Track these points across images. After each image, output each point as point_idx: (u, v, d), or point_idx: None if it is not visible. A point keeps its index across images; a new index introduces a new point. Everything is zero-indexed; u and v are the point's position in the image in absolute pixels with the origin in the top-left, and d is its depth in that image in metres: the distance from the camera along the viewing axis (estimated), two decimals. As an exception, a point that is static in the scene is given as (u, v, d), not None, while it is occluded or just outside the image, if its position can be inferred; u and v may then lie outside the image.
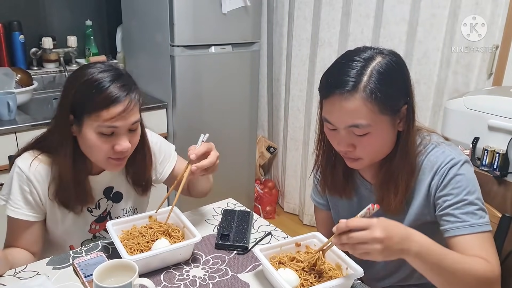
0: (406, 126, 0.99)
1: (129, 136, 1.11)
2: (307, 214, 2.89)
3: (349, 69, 0.94)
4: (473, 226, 0.96)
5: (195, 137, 1.17)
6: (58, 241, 1.22)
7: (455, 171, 0.99)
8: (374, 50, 0.97)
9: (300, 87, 2.76)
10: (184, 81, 2.23)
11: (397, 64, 0.97)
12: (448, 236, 0.98)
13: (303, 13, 2.60)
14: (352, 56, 0.97)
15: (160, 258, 1.06)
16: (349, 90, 0.92)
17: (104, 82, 1.05)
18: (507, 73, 1.95)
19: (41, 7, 2.39)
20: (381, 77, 0.92)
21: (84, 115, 1.06)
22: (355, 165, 1.04)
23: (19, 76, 2.09)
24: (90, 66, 1.10)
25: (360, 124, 0.94)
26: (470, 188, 0.98)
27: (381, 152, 1.02)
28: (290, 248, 1.08)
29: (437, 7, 2.08)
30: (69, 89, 1.09)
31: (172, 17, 2.09)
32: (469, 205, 0.97)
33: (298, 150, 2.89)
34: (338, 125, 0.97)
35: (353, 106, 0.92)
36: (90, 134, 1.07)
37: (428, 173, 1.02)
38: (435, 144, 1.04)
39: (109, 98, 1.04)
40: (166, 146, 1.36)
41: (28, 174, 1.12)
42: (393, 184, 1.03)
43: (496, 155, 1.53)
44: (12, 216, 1.13)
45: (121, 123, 1.07)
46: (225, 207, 1.40)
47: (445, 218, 0.99)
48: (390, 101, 0.95)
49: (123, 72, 1.13)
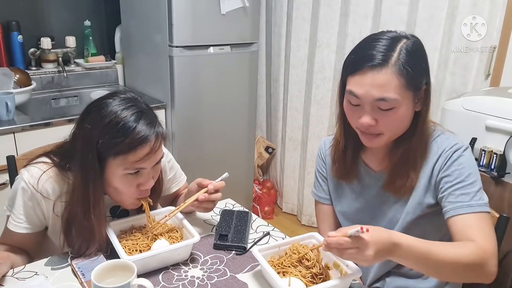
0: (424, 107, 1.03)
1: (152, 171, 1.10)
2: (305, 214, 2.89)
3: (378, 45, 0.98)
4: (472, 206, 0.99)
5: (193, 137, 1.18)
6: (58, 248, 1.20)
7: (459, 154, 1.03)
8: (398, 33, 1.02)
9: (299, 87, 2.76)
10: (183, 81, 2.23)
11: (421, 46, 1.02)
12: (448, 217, 1.01)
13: (302, 14, 2.61)
14: (378, 36, 1.01)
15: (159, 259, 1.06)
16: (380, 64, 0.96)
17: (130, 123, 1.02)
18: (504, 74, 1.96)
19: (40, 7, 2.39)
20: (410, 54, 0.97)
21: (109, 157, 1.03)
22: (374, 142, 1.05)
23: (17, 76, 2.09)
24: (110, 100, 1.05)
25: (388, 98, 0.96)
26: (471, 171, 1.02)
27: (400, 129, 1.04)
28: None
29: (435, 8, 2.09)
30: (92, 128, 1.03)
31: (171, 17, 2.09)
32: (469, 186, 1.01)
33: (297, 150, 2.89)
34: (365, 99, 0.98)
35: (384, 79, 0.95)
36: (115, 176, 1.05)
37: (433, 157, 1.06)
38: (440, 131, 1.09)
39: (136, 141, 1.01)
40: (177, 164, 1.37)
41: (33, 191, 1.08)
42: (412, 164, 1.06)
43: (494, 156, 1.54)
44: (12, 230, 1.11)
45: (147, 164, 1.06)
46: (224, 207, 1.40)
47: (446, 199, 1.02)
48: (416, 78, 0.98)
49: (145, 105, 1.09)
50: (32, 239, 1.14)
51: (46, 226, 1.15)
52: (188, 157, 2.28)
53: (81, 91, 2.49)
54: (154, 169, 1.11)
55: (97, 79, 2.57)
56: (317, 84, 2.64)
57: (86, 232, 1.07)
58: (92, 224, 1.07)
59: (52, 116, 2.04)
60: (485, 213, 0.99)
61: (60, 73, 2.39)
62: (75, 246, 1.10)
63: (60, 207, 1.11)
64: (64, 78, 2.40)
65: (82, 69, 2.52)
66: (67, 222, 1.10)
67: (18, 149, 1.85)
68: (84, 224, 1.07)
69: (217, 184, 1.18)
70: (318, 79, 2.62)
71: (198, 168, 2.28)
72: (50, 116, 2.05)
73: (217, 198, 1.19)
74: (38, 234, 1.15)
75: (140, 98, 1.10)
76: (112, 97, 1.07)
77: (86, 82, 2.53)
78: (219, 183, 1.19)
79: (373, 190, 1.14)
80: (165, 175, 1.30)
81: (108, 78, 2.61)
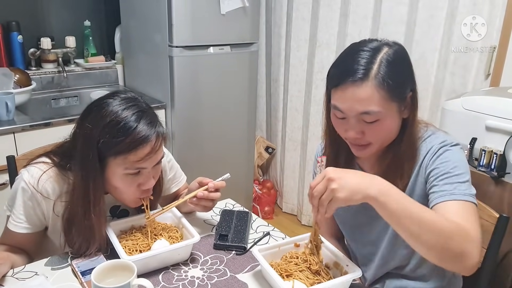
0: (411, 113, 1.03)
1: (153, 171, 1.10)
2: (305, 214, 2.89)
3: (359, 58, 0.97)
4: (454, 194, 0.95)
5: (193, 137, 1.18)
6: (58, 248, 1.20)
7: (445, 149, 1.02)
8: (380, 41, 1.01)
9: (299, 87, 2.76)
10: (183, 81, 2.24)
11: (403, 54, 1.01)
12: (431, 206, 0.97)
13: (301, 14, 2.61)
14: (359, 47, 1.00)
15: (159, 259, 1.06)
16: (361, 78, 0.95)
17: (130, 123, 1.02)
18: (504, 73, 1.96)
19: (40, 8, 2.39)
20: (390, 65, 0.96)
21: (109, 157, 1.03)
22: (363, 152, 1.05)
23: (17, 76, 2.09)
24: (110, 100, 1.05)
25: (371, 111, 0.96)
26: (457, 164, 1.00)
27: (388, 138, 1.04)
28: (288, 248, 1.09)
29: (434, 8, 2.09)
30: (92, 128, 1.03)
31: (171, 17, 2.09)
32: (455, 177, 0.98)
33: (297, 150, 2.90)
34: (349, 112, 0.99)
35: (365, 93, 0.95)
36: (115, 175, 1.06)
37: (422, 156, 1.05)
38: (432, 132, 1.08)
39: (137, 141, 1.01)
40: (177, 164, 1.37)
41: (33, 191, 1.08)
42: (399, 171, 1.05)
43: (494, 156, 1.54)
44: (12, 230, 1.11)
45: (148, 164, 1.06)
46: (224, 207, 1.40)
47: (431, 190, 1.00)
48: (399, 88, 0.98)
49: (145, 105, 1.09)
50: (32, 239, 1.14)
51: (46, 226, 1.15)
52: (188, 157, 2.28)
53: (81, 91, 2.49)
54: (155, 169, 1.11)
55: (97, 79, 2.57)
56: (316, 84, 2.64)
57: (86, 231, 1.08)
58: (92, 223, 1.07)
59: (52, 116, 2.04)
60: (470, 203, 0.94)
61: (60, 73, 2.39)
62: (75, 246, 1.10)
63: (60, 207, 1.11)
64: (64, 78, 2.40)
65: (82, 69, 2.52)
66: (68, 221, 1.10)
67: (18, 149, 1.85)
68: (84, 223, 1.07)
69: (217, 183, 1.18)
70: (318, 79, 2.62)
71: (198, 168, 2.28)
72: (50, 116, 2.05)
73: (216, 197, 1.19)
74: (38, 234, 1.15)
75: (140, 98, 1.10)
76: (112, 97, 1.07)
77: (86, 82, 2.53)
78: (219, 182, 1.19)
79: None
80: (165, 175, 1.31)
81: (108, 78, 2.61)
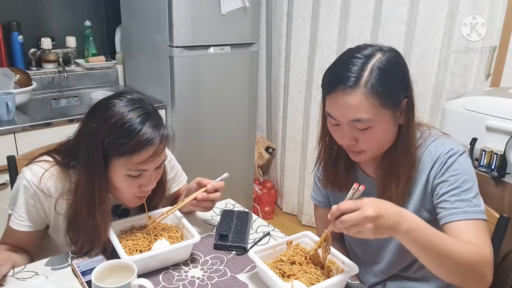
0: (406, 119, 1.02)
1: (154, 173, 1.10)
2: (306, 214, 2.89)
3: (350, 65, 0.97)
4: (467, 213, 0.97)
5: (193, 137, 1.18)
6: (59, 246, 1.20)
7: (454, 160, 1.02)
8: (374, 47, 1.00)
9: (299, 87, 2.76)
10: (183, 81, 2.24)
11: (396, 60, 1.00)
12: (442, 223, 0.99)
13: (302, 14, 2.61)
14: (353, 53, 0.99)
15: (159, 259, 1.06)
16: (351, 86, 0.95)
17: (136, 125, 1.02)
18: (505, 74, 1.96)
19: (40, 8, 2.39)
20: (381, 72, 0.95)
21: (113, 157, 1.04)
22: (359, 158, 1.05)
23: (18, 76, 2.09)
24: (117, 100, 1.05)
25: (362, 118, 0.96)
26: (467, 177, 1.00)
27: (384, 145, 1.04)
28: (284, 248, 1.09)
29: (435, 9, 2.09)
30: (98, 128, 1.03)
31: (171, 17, 2.09)
32: (465, 193, 0.99)
33: (297, 150, 2.90)
34: (341, 119, 0.99)
35: (355, 101, 0.95)
36: (117, 175, 1.06)
37: (428, 164, 1.04)
38: (435, 137, 1.07)
39: (141, 143, 1.02)
40: (178, 164, 1.37)
41: (35, 189, 1.08)
42: (394, 177, 1.05)
43: (494, 156, 1.54)
44: (14, 228, 1.11)
45: (150, 166, 1.06)
46: (224, 207, 1.40)
47: (441, 205, 1.01)
48: (391, 95, 0.97)
49: (151, 107, 1.09)
50: (34, 238, 1.14)
51: (48, 224, 1.16)
52: (188, 157, 2.27)
53: (81, 91, 2.50)
54: (157, 171, 1.11)
55: (98, 79, 2.57)
56: (317, 84, 2.64)
57: (90, 230, 1.08)
58: (97, 222, 1.07)
59: (52, 116, 2.04)
60: (481, 221, 0.97)
61: (60, 73, 2.39)
62: (78, 244, 1.10)
63: (62, 205, 1.11)
64: (65, 78, 2.40)
65: (82, 69, 2.52)
66: (71, 220, 1.10)
67: (19, 149, 1.85)
68: (89, 222, 1.07)
69: (216, 184, 1.18)
70: (318, 79, 2.61)
71: (198, 168, 2.27)
72: (50, 116, 2.06)
73: (216, 197, 1.19)
74: (40, 232, 1.15)
75: (146, 100, 1.11)
76: (119, 97, 1.07)
77: (86, 82, 2.53)
78: (218, 183, 1.19)
79: (371, 197, 1.14)
80: (166, 175, 1.31)
81: (108, 78, 2.61)
